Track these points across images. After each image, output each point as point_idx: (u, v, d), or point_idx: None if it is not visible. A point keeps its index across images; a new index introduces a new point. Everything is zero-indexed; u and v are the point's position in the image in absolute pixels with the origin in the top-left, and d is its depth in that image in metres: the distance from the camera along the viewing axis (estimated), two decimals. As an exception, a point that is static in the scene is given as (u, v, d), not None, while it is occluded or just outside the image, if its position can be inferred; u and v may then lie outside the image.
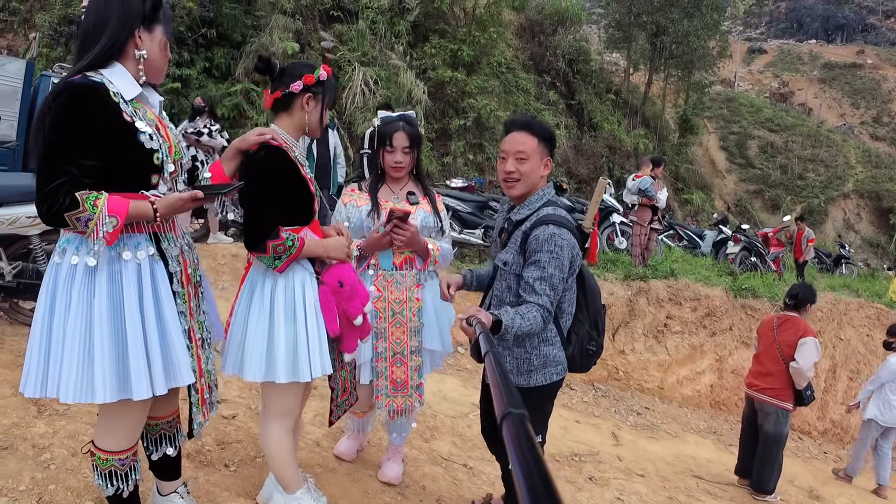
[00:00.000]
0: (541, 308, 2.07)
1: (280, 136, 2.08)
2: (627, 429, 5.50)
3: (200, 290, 2.00)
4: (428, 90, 12.36)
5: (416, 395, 2.76)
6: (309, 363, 2.04)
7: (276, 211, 2.02)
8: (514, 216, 2.25)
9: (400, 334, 2.71)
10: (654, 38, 15.21)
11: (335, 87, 2.15)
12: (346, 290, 2.11)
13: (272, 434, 2.18)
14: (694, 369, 7.04)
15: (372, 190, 2.73)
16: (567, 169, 15.12)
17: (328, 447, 3.16)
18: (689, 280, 7.28)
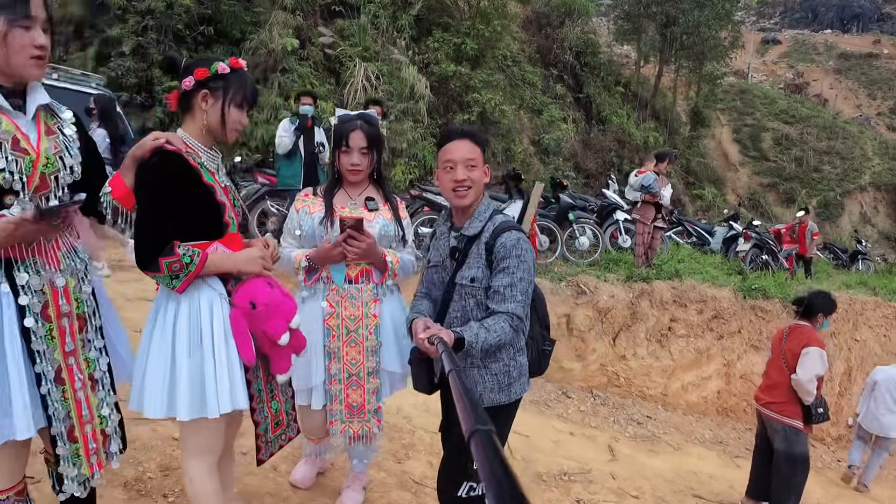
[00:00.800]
0: (510, 317, 2.00)
1: (182, 141, 1.85)
2: (626, 441, 5.22)
3: (95, 322, 1.79)
4: (431, 85, 12.11)
5: (375, 420, 2.52)
6: (217, 397, 1.81)
7: (167, 224, 1.78)
8: (467, 231, 2.13)
9: (355, 354, 2.47)
10: (664, 28, 14.79)
11: (247, 83, 1.89)
12: (260, 311, 1.85)
13: (191, 473, 1.96)
14: (700, 375, 6.73)
15: (327, 195, 2.47)
16: (575, 163, 14.80)
17: (286, 471, 2.94)
18: (695, 281, 6.95)
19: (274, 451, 2.13)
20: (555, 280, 6.43)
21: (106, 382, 1.82)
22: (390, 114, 11.30)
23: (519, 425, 4.74)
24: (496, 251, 2.06)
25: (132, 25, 9.64)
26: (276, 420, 2.11)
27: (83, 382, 1.72)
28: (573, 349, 6.25)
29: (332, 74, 11.68)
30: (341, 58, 11.57)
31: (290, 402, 2.20)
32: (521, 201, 7.12)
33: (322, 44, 11.41)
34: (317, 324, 2.42)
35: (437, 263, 2.26)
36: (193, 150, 1.88)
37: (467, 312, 2.13)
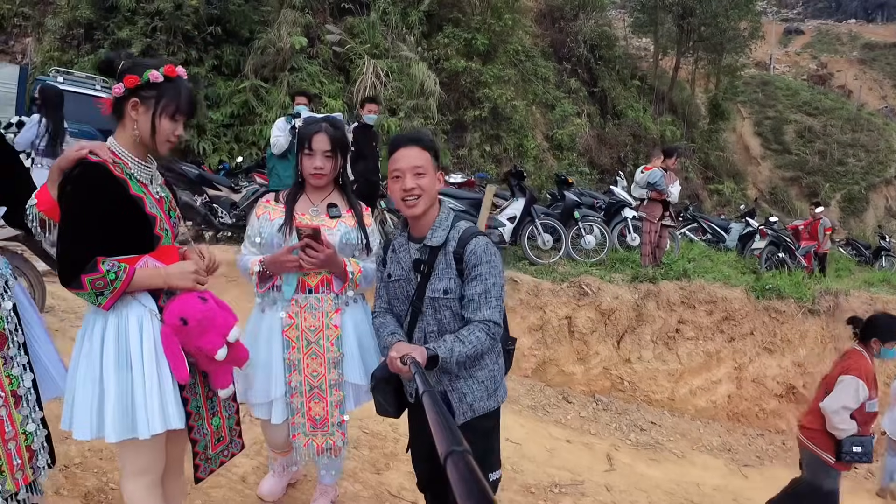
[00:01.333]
0: (486, 324, 1.97)
1: (109, 150, 1.77)
2: (626, 449, 5.05)
3: (17, 339, 1.75)
4: (441, 81, 12.01)
5: (339, 434, 2.43)
6: (147, 418, 1.74)
7: (89, 239, 1.70)
8: (431, 242, 2.06)
9: (317, 366, 2.37)
10: (681, 20, 14.43)
11: (181, 93, 1.79)
12: (192, 327, 1.77)
13: (131, 494, 1.90)
14: (709, 378, 6.50)
15: (289, 201, 2.38)
16: (589, 159, 14.56)
17: (254, 483, 2.86)
18: (704, 281, 6.72)
19: (214, 468, 2.05)
20: (556, 281, 6.27)
21: (31, 399, 1.80)
22: (399, 111, 11.24)
23: (512, 431, 4.63)
24: (466, 259, 2.01)
25: (141, 27, 9.71)
26: (218, 437, 2.03)
27: (6, 400, 1.73)
28: (575, 352, 6.09)
29: (341, 72, 11.64)
30: (350, 55, 11.52)
31: (233, 418, 2.12)
32: (524, 199, 6.97)
33: (330, 42, 11.36)
34: (275, 335, 2.34)
35: (399, 277, 2.16)
36: (122, 161, 1.80)
37: (444, 325, 2.06)
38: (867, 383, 3.40)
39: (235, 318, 1.97)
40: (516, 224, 6.91)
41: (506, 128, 12.84)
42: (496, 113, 12.65)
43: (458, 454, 0.79)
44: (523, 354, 5.94)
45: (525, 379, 5.83)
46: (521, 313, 5.99)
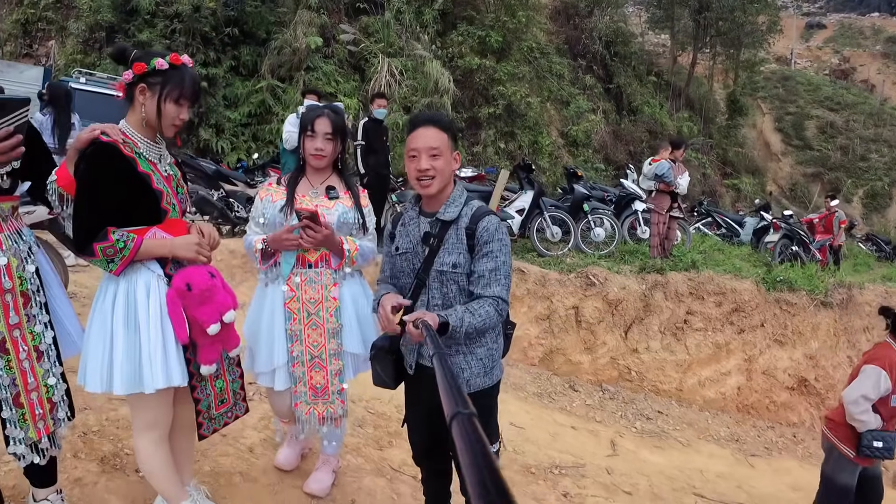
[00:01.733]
0: (496, 300, 2.02)
1: (119, 132, 1.92)
2: (631, 436, 5.10)
3: (39, 299, 1.91)
4: (456, 79, 12.11)
5: (339, 402, 2.55)
6: (152, 374, 1.88)
7: (101, 211, 1.86)
8: (444, 216, 2.10)
9: (317, 336, 2.50)
10: (698, 14, 14.34)
11: (185, 79, 1.94)
12: (194, 294, 1.91)
13: (140, 448, 2.07)
14: (718, 370, 6.50)
15: (290, 184, 2.52)
16: (605, 155, 14.56)
17: (261, 454, 3.00)
18: (713, 272, 6.72)
19: (217, 427, 2.19)
20: (564, 271, 6.34)
21: (51, 354, 1.94)
22: (414, 109, 11.37)
23: (517, 417, 4.71)
24: (478, 236, 2.05)
25: (161, 29, 9.98)
26: (221, 398, 2.17)
27: (28, 353, 1.85)
28: (582, 342, 6.14)
29: (356, 71, 11.80)
30: (365, 54, 11.68)
31: (238, 382, 2.26)
32: (532, 192, 7.04)
33: (344, 41, 11.54)
34: (278, 307, 2.47)
35: (406, 250, 2.21)
36: (132, 141, 1.94)
37: (449, 299, 2.11)
38: (891, 375, 3.29)
39: (237, 304, 2.11)
40: (525, 216, 6.98)
41: (520, 125, 12.89)
42: (510, 110, 12.70)
43: (464, 416, 0.79)
44: (530, 343, 6.02)
45: (532, 367, 5.91)
46: (529, 303, 6.06)
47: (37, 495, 2.06)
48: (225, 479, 2.68)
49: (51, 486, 2.07)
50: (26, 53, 10.89)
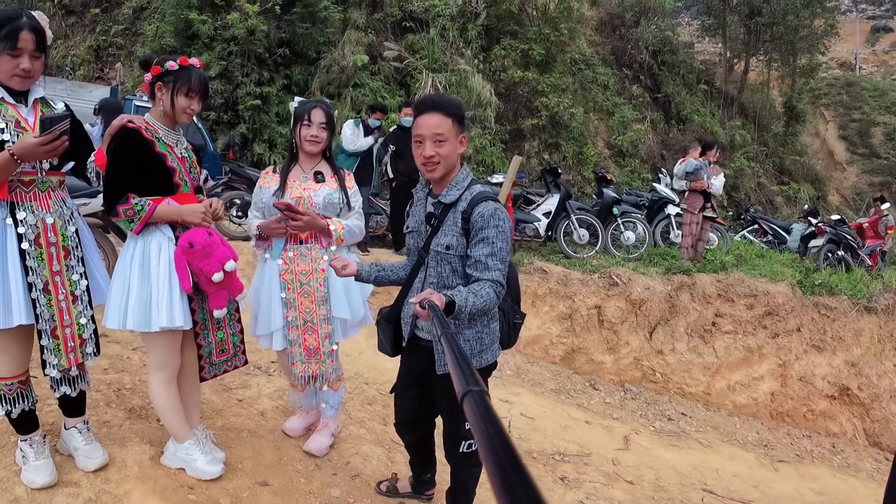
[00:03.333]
0: (494, 283, 2.05)
1: (144, 121, 2.36)
2: (647, 434, 5.09)
3: (77, 254, 2.31)
4: (499, 91, 12.37)
5: (330, 361, 2.85)
6: (158, 315, 2.26)
7: (123, 180, 2.28)
8: (445, 199, 2.18)
9: (308, 304, 2.81)
10: (748, 19, 14.02)
11: (192, 76, 2.35)
12: (197, 250, 2.28)
13: (152, 386, 2.46)
14: (750, 374, 6.35)
15: (283, 171, 2.86)
16: (652, 165, 14.38)
17: (272, 418, 3.29)
18: (744, 274, 6.61)
19: (218, 373, 2.56)
20: (587, 271, 6.41)
21: (84, 300, 2.34)
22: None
23: (529, 409, 4.83)
24: (473, 220, 2.10)
25: (218, 52, 10.74)
26: (222, 348, 2.54)
27: (65, 296, 2.25)
28: (604, 341, 6.18)
29: (401, 87, 12.26)
30: (410, 70, 12.13)
31: (238, 336, 2.62)
32: (559, 195, 7.16)
33: (388, 58, 12.05)
34: (274, 278, 2.81)
35: (414, 229, 2.32)
36: (153, 128, 2.39)
37: (443, 279, 2.19)
38: None
39: (235, 255, 2.45)
40: (551, 219, 7.11)
41: (565, 136, 12.96)
42: (554, 121, 12.81)
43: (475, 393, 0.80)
44: (552, 342, 6.11)
45: (552, 365, 5.99)
46: (550, 302, 6.17)
47: (67, 423, 2.46)
48: (234, 434, 2.99)
49: (79, 416, 2.45)
50: (98, 76, 11.98)
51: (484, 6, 12.75)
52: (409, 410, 2.58)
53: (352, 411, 3.74)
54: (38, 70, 2.16)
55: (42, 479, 2.27)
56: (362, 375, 4.39)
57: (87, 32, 12.42)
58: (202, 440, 2.56)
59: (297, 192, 2.76)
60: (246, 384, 3.68)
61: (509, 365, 5.56)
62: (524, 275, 6.17)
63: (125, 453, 2.57)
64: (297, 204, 2.70)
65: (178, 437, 2.51)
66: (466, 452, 2.37)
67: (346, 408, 3.70)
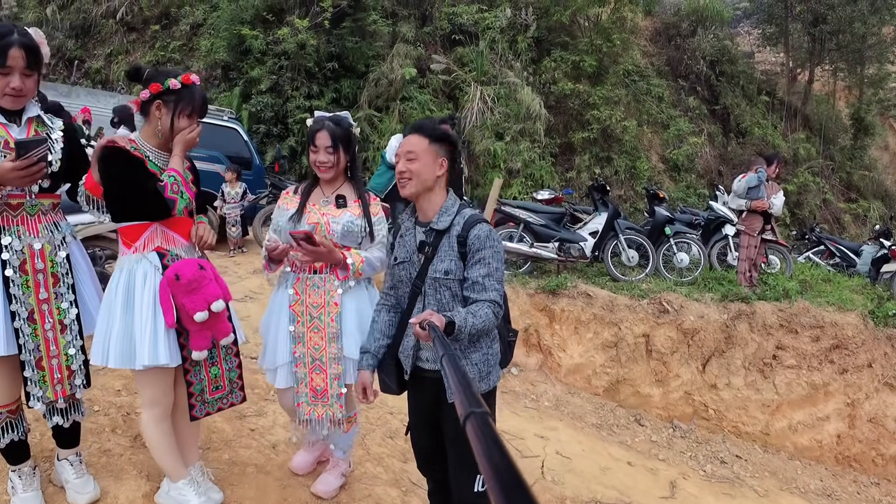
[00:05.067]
0: (492, 304, 2.07)
1: (132, 140, 2.20)
2: (696, 479, 4.66)
3: (67, 281, 2.20)
4: (549, 104, 12.08)
5: (338, 405, 2.62)
6: (141, 352, 2.11)
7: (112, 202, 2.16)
8: (437, 226, 2.18)
9: (318, 340, 2.59)
10: (812, 28, 13.23)
11: (195, 97, 2.19)
12: (182, 284, 2.11)
13: (144, 422, 2.32)
14: (814, 414, 5.79)
15: (304, 193, 2.66)
16: (709, 180, 13.72)
17: (283, 451, 3.12)
18: (810, 303, 6.05)
19: (211, 411, 2.37)
20: (635, 297, 6.01)
21: (74, 329, 2.22)
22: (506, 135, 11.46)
23: (567, 447, 4.50)
24: (470, 243, 2.13)
25: (270, 66, 10.90)
26: (216, 385, 2.35)
27: (53, 325, 2.15)
28: (652, 373, 5.76)
29: (450, 100, 12.14)
30: (458, 83, 12.00)
31: (235, 371, 2.42)
32: (607, 213, 6.80)
33: (436, 70, 11.94)
34: (284, 309, 2.60)
35: (404, 260, 2.29)
36: (140, 147, 2.21)
37: (444, 305, 2.17)
38: None
39: (228, 296, 2.28)
40: (598, 239, 6.74)
41: (617, 149, 12.54)
42: (606, 134, 12.42)
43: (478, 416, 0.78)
44: (595, 372, 5.75)
45: (595, 397, 5.63)
46: (594, 328, 5.81)
47: (59, 454, 2.37)
48: (239, 469, 2.83)
49: (73, 447, 2.36)
50: (155, 91, 12.39)
51: (534, 18, 12.51)
52: (428, 447, 2.43)
53: (371, 445, 3.52)
54: (31, 88, 2.06)
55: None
56: (387, 404, 4.17)
57: (147, 48, 12.88)
58: (197, 479, 2.40)
59: (315, 217, 2.55)
60: (262, 411, 3.52)
61: (548, 395, 5.24)
62: (567, 298, 5.85)
63: (118, 488, 2.44)
64: (314, 230, 2.51)
65: (171, 476, 2.36)
66: (481, 492, 2.19)
67: (364, 441, 3.50)
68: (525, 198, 10.22)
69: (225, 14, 11.57)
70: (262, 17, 11.18)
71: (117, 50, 12.96)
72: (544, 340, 5.71)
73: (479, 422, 0.76)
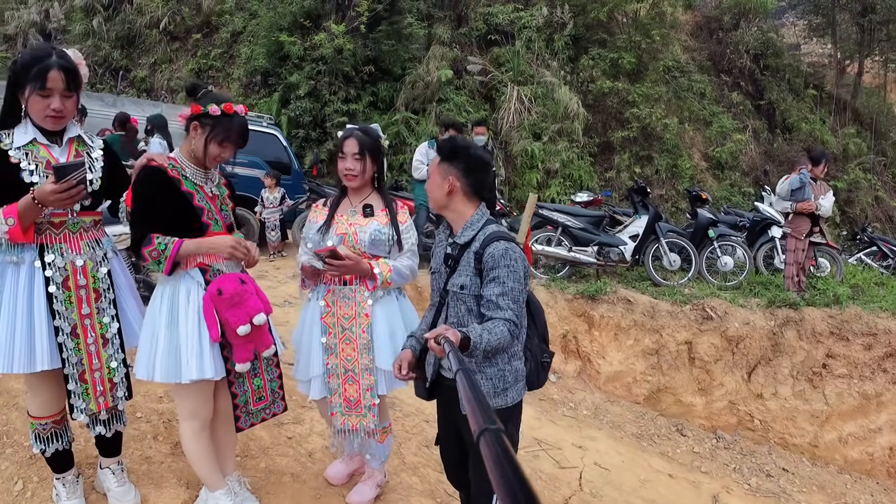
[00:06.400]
0: (507, 322, 2.06)
1: (166, 158, 2.25)
2: (741, 494, 4.51)
3: (109, 296, 2.25)
4: (587, 103, 11.90)
5: (371, 416, 2.63)
6: (186, 366, 2.15)
7: (147, 222, 2.17)
8: (459, 240, 2.20)
9: (350, 351, 2.61)
10: (861, 17, 12.65)
11: (232, 127, 2.21)
12: (225, 298, 2.15)
13: (182, 434, 2.36)
14: (866, 425, 5.53)
15: (332, 205, 2.68)
16: (755, 178, 13.29)
17: (319, 460, 3.15)
18: (862, 309, 5.78)
19: (255, 422, 2.41)
20: (677, 302, 5.86)
21: (116, 343, 2.28)
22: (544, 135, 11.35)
23: (605, 457, 4.42)
24: (485, 261, 2.12)
25: (308, 71, 11.05)
26: (259, 395, 2.40)
27: (95, 339, 2.20)
28: (695, 381, 5.60)
29: (486, 101, 12.08)
30: (495, 83, 11.93)
31: (276, 382, 2.46)
32: (647, 216, 6.64)
33: (472, 71, 11.90)
34: (316, 321, 2.63)
35: (435, 270, 2.35)
36: (179, 165, 2.25)
37: (461, 318, 2.19)
38: None
39: (269, 309, 2.31)
40: (638, 242, 6.59)
41: (658, 148, 12.26)
42: (646, 132, 12.16)
43: (492, 432, 0.77)
44: (634, 379, 5.62)
45: (635, 406, 5.51)
46: (635, 335, 5.69)
47: (102, 463, 2.43)
48: (275, 478, 2.86)
49: (115, 456, 2.42)
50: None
51: (571, 16, 12.32)
52: (455, 458, 2.43)
53: (406, 454, 3.52)
54: (71, 109, 2.10)
55: None
56: (424, 412, 4.17)
57: (189, 57, 13.23)
58: (235, 489, 2.45)
59: (343, 227, 2.58)
60: (299, 419, 3.56)
61: (586, 403, 5.16)
62: (606, 304, 5.74)
63: (158, 496, 2.50)
64: (343, 241, 2.53)
65: (209, 487, 2.40)
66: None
67: (400, 450, 3.50)
68: (564, 199, 10.10)
69: (264, 21, 11.78)
70: (299, 23, 11.34)
71: (161, 59, 13.35)
72: (583, 347, 5.62)
73: (493, 439, 0.75)
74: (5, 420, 2.88)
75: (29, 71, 2.00)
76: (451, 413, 2.30)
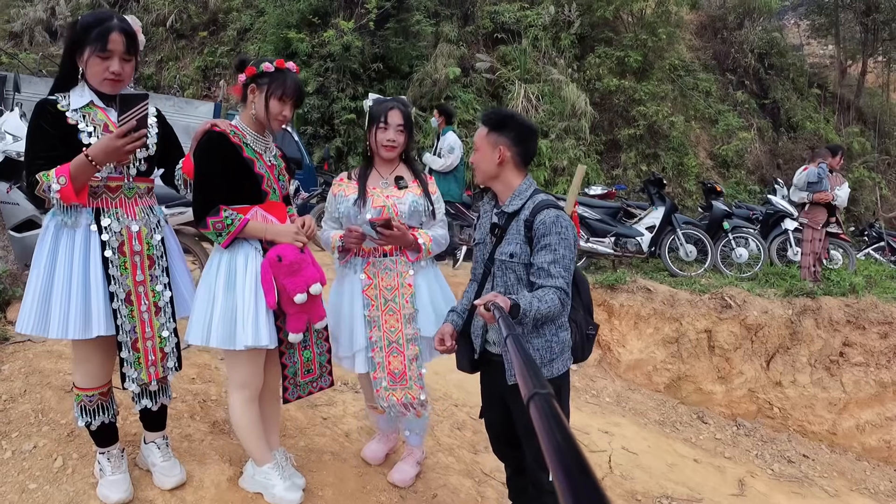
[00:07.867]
0: (558, 290, 2.05)
1: (231, 125, 2.24)
2: (765, 478, 4.53)
3: (162, 263, 2.22)
4: (594, 101, 11.95)
5: (417, 387, 2.61)
6: (242, 333, 2.13)
7: (211, 188, 2.16)
8: (507, 209, 2.21)
9: (394, 322, 2.59)
10: (864, 17, 12.74)
11: (287, 80, 2.21)
12: (284, 266, 2.13)
13: (232, 405, 2.32)
14: (883, 413, 5.55)
15: (361, 178, 2.62)
16: (760, 175, 13.36)
17: (357, 440, 3.15)
18: (878, 298, 5.82)
19: (302, 394, 2.39)
20: (696, 291, 5.88)
21: (167, 311, 2.24)
22: (551, 133, 11.38)
23: (632, 443, 4.43)
24: (535, 228, 2.12)
25: (316, 68, 11.07)
26: (307, 368, 2.38)
27: (148, 307, 2.16)
28: (715, 369, 5.62)
29: (493, 98, 12.12)
30: (502, 81, 11.96)
31: (325, 356, 2.44)
32: (664, 208, 6.67)
33: (480, 69, 11.94)
34: (357, 294, 2.59)
35: (480, 241, 2.36)
36: (241, 132, 2.25)
37: (509, 288, 2.18)
38: None
39: (324, 278, 2.30)
40: (655, 234, 6.62)
41: (664, 146, 12.31)
42: (652, 130, 12.21)
43: (542, 396, 0.77)
44: (655, 368, 5.64)
45: (656, 394, 5.52)
46: (655, 324, 5.70)
47: (147, 438, 2.39)
48: (316, 456, 2.86)
49: (160, 430, 2.38)
50: (205, 95, 12.70)
51: (577, 14, 12.38)
52: (500, 430, 2.43)
53: (440, 436, 3.53)
54: (129, 74, 2.08)
55: (117, 496, 2.19)
56: (451, 396, 4.18)
57: (196, 54, 13.23)
58: (282, 464, 2.41)
59: (379, 200, 2.54)
60: (332, 401, 3.56)
61: (608, 391, 5.17)
62: (626, 293, 5.76)
63: (203, 472, 2.48)
64: (381, 213, 2.50)
65: (257, 460, 2.37)
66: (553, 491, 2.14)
67: (433, 432, 3.50)
68: (575, 194, 10.12)
69: (271, 18, 11.80)
70: (307, 20, 11.35)
71: (167, 56, 13.34)
72: (603, 335, 5.64)
73: (543, 403, 0.74)
74: (39, 398, 2.87)
75: (89, 33, 1.97)
76: (496, 386, 2.29)
